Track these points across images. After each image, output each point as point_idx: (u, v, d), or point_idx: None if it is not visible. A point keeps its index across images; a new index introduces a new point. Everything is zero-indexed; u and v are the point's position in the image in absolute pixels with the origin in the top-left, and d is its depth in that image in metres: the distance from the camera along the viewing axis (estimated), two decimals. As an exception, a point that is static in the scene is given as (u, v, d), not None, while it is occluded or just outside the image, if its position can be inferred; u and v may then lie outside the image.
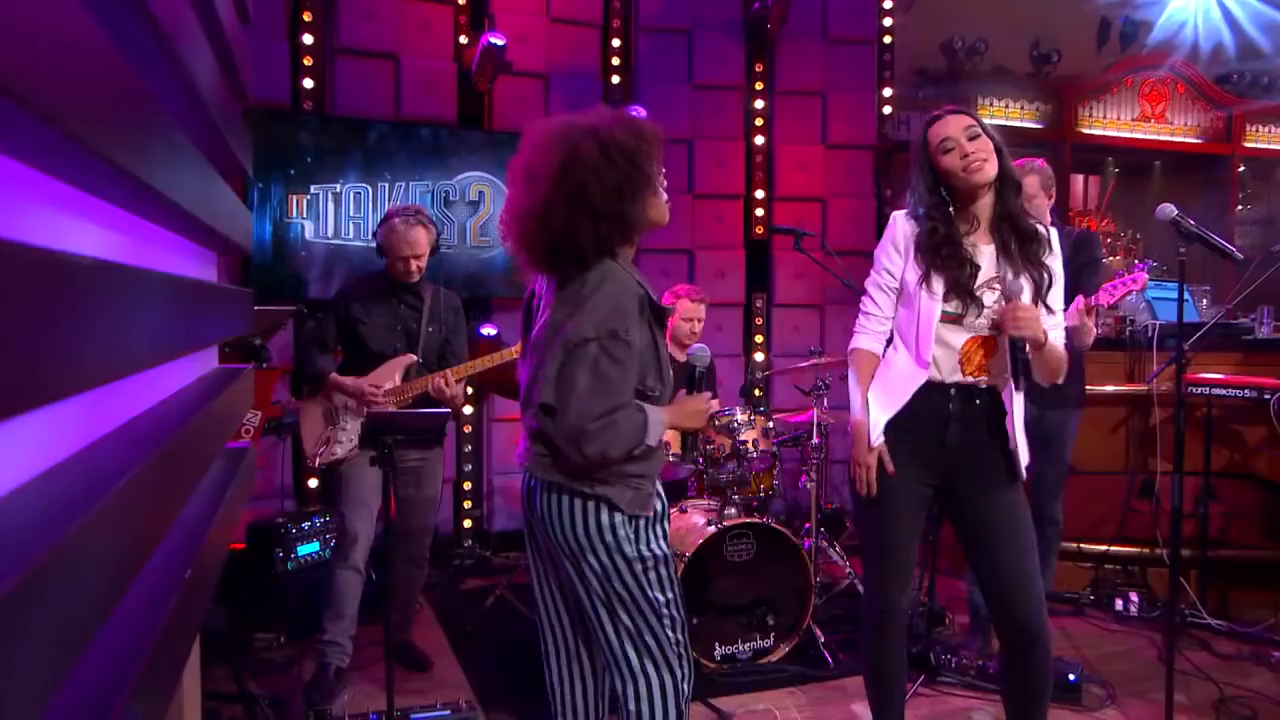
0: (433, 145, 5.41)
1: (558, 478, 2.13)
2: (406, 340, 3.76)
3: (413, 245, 3.67)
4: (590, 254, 2.09)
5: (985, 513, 2.66)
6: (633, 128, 2.12)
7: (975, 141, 2.58)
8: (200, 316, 0.97)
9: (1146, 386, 4.64)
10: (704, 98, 6.26)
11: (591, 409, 2.01)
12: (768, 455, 4.44)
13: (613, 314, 2.05)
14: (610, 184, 2.05)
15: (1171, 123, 7.68)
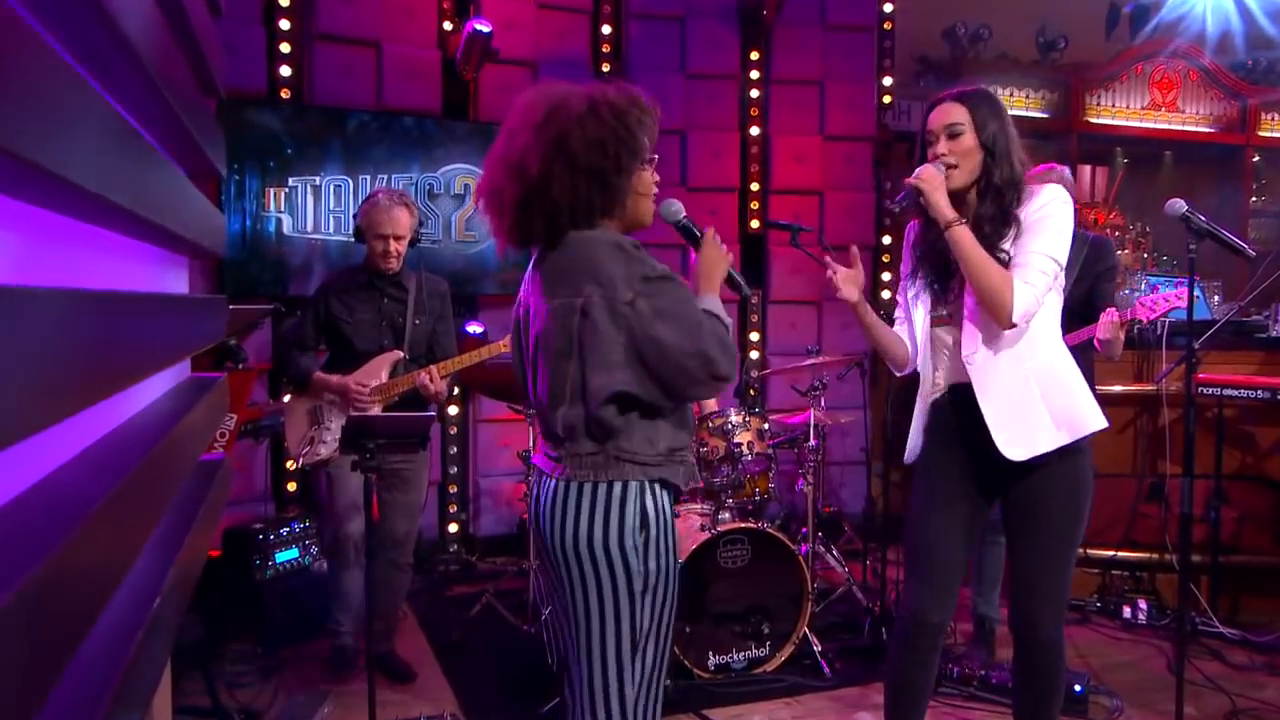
0: (416, 136, 5.41)
1: (604, 474, 2.06)
2: (393, 335, 3.78)
3: (394, 223, 3.69)
4: (564, 214, 2.03)
5: (1010, 504, 2.65)
6: (627, 91, 2.09)
7: (953, 142, 2.54)
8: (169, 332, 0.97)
9: (1155, 386, 4.65)
10: (697, 87, 6.26)
11: (696, 343, 1.98)
12: (763, 458, 4.45)
13: (629, 264, 1.99)
14: (593, 136, 2.00)
15: (1183, 111, 7.69)
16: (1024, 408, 2.53)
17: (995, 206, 2.54)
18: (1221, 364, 4.65)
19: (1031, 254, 2.50)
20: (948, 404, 2.69)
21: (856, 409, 5.33)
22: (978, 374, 2.57)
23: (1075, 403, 2.58)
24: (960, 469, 2.67)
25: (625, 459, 2.05)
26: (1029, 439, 2.52)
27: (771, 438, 4.65)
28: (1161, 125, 7.66)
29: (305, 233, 5.08)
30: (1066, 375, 2.60)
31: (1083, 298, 3.87)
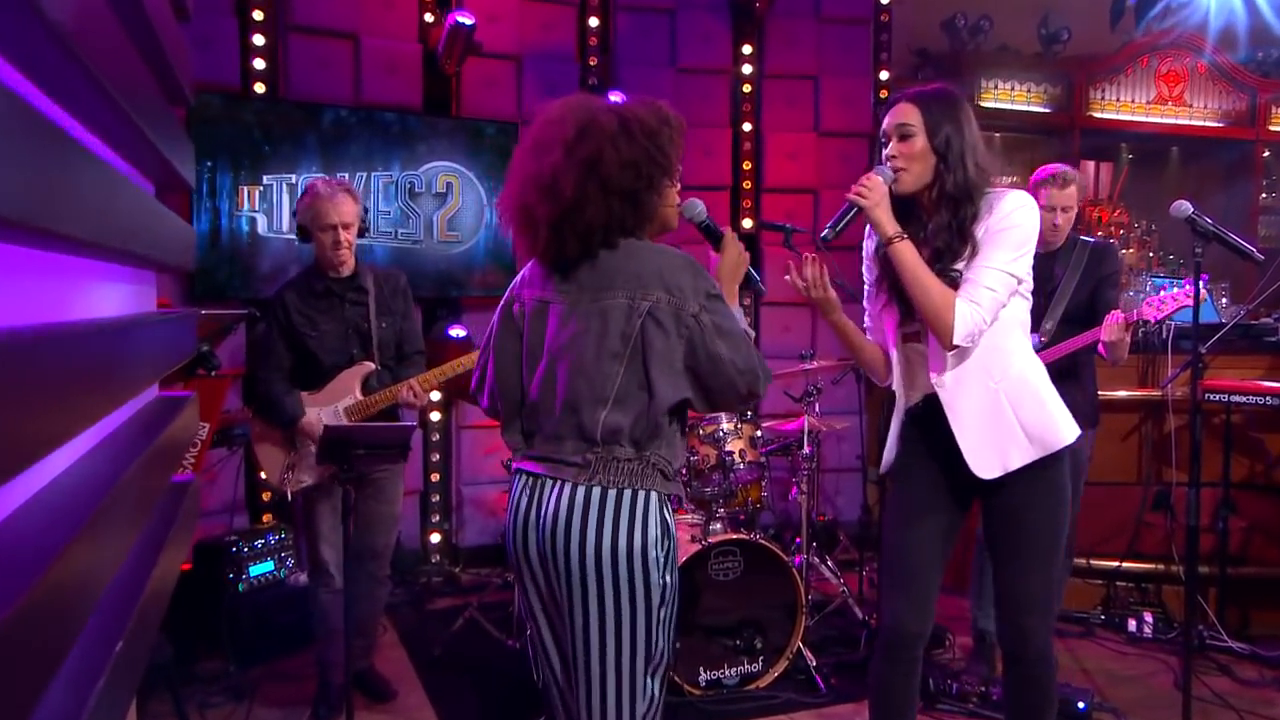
0: (396, 132, 5.40)
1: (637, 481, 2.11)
2: (360, 343, 3.69)
3: (340, 212, 3.56)
4: (597, 233, 2.10)
5: (989, 517, 2.68)
6: (656, 110, 2.15)
7: (904, 144, 2.54)
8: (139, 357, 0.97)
9: (1161, 392, 4.67)
10: (688, 82, 6.26)
11: (746, 361, 2.09)
12: (755, 466, 4.46)
13: (697, 278, 2.11)
14: (627, 158, 2.06)
15: (1190, 106, 7.69)
16: (996, 426, 2.56)
17: (949, 215, 2.52)
18: (1229, 369, 4.67)
19: (983, 269, 2.48)
20: (922, 414, 2.70)
21: (852, 414, 5.34)
22: (947, 396, 2.59)
23: (1047, 416, 2.59)
24: (935, 479, 2.70)
25: (659, 468, 2.13)
26: (1001, 457, 2.56)
27: (764, 445, 4.65)
28: (1168, 120, 7.66)
29: (281, 233, 5.06)
30: (1038, 387, 2.61)
31: (1085, 303, 3.88)
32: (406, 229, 5.43)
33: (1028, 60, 7.41)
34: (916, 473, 2.73)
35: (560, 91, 6.14)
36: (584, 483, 2.11)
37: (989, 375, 2.56)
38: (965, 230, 2.50)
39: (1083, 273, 3.89)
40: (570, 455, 2.15)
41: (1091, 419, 4.03)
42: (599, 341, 2.11)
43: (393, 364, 3.77)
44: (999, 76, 7.17)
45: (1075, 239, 4.03)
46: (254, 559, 4.26)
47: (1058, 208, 3.91)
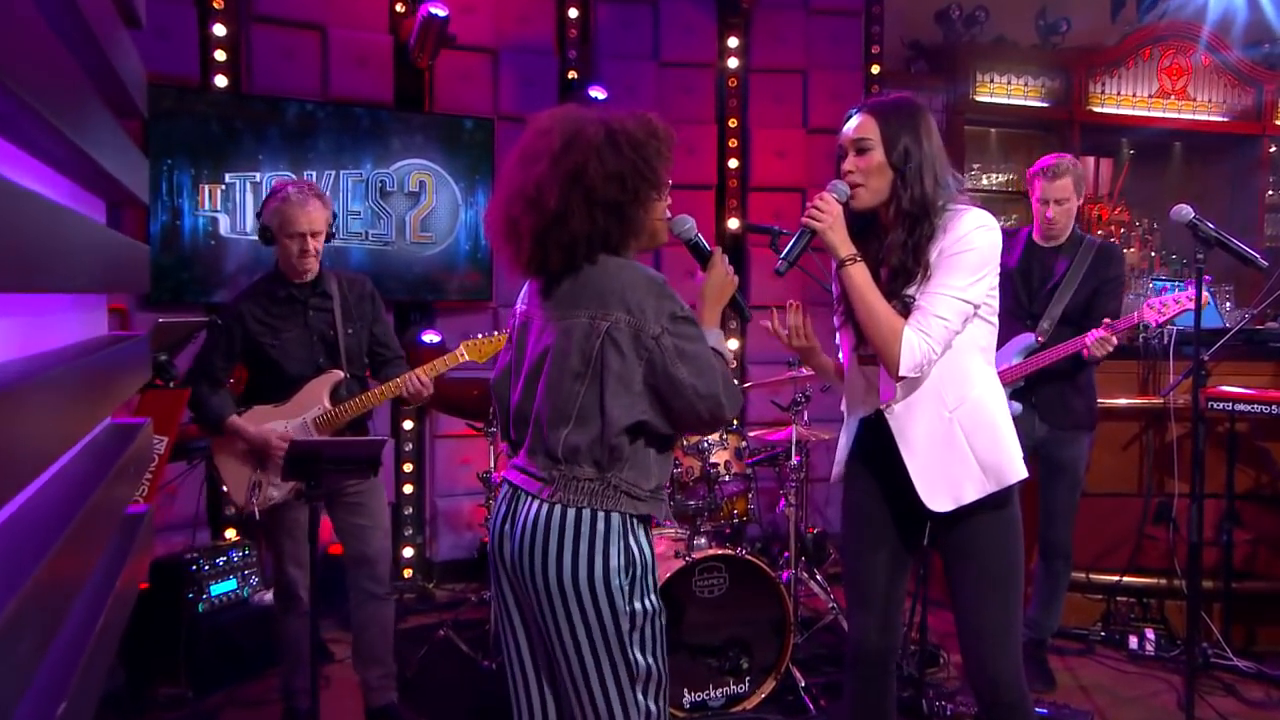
0: (366, 128, 5.39)
1: (600, 502, 2.16)
2: (326, 351, 3.65)
3: (310, 219, 3.52)
4: (581, 246, 2.16)
5: (943, 549, 2.69)
6: (644, 122, 2.21)
7: (860, 158, 2.55)
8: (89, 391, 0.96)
9: (1162, 400, 4.68)
10: (671, 76, 6.27)
11: (709, 386, 2.13)
12: (741, 478, 4.48)
13: (661, 299, 2.15)
14: (612, 170, 2.12)
15: (1194, 99, 7.71)
16: (948, 458, 2.55)
17: (905, 233, 2.52)
18: (1233, 376, 4.68)
19: (935, 296, 2.47)
20: (873, 428, 2.70)
21: (841, 422, 5.34)
22: (898, 424, 2.59)
23: (1000, 450, 2.57)
24: (887, 493, 2.71)
25: (623, 490, 2.17)
26: (954, 490, 2.55)
27: (750, 456, 4.67)
28: (1171, 114, 7.69)
29: (245, 234, 5.03)
30: (994, 419, 2.59)
31: (1081, 308, 3.90)
32: (377, 230, 5.42)
33: (1025, 53, 7.44)
34: (868, 486, 2.74)
35: (538, 86, 6.18)
36: (548, 500, 2.18)
37: (943, 403, 2.55)
38: (920, 250, 2.49)
39: (1085, 273, 3.91)
40: (540, 471, 2.22)
41: (1088, 423, 4.05)
42: (564, 360, 2.18)
43: (362, 373, 3.75)
44: (995, 70, 7.19)
45: (1082, 236, 4.05)
46: (215, 577, 4.24)
47: (1050, 200, 3.93)
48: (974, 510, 2.56)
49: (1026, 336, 3.94)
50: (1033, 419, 3.98)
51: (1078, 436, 4.02)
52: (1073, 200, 3.96)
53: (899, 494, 2.65)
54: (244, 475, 3.60)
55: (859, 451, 2.76)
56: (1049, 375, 3.93)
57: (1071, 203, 3.96)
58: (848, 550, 2.81)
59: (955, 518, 2.58)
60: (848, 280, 2.53)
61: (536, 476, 2.22)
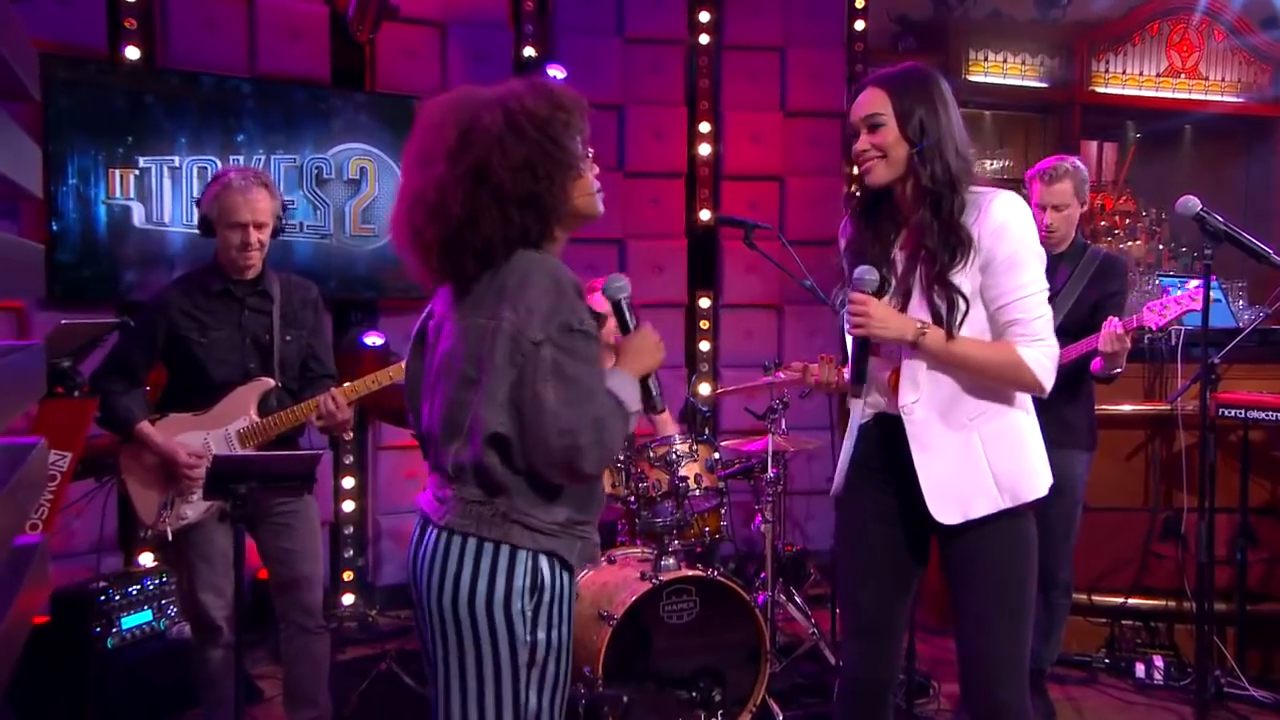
0: (300, 109, 5.32)
1: (490, 531, 2.10)
2: (259, 357, 3.60)
3: (254, 209, 3.47)
4: (499, 249, 2.10)
5: (948, 566, 2.68)
6: (546, 94, 2.14)
7: (874, 134, 2.55)
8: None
9: (1169, 406, 4.67)
10: (637, 54, 6.25)
11: (574, 421, 2.02)
12: (713, 492, 4.47)
13: (558, 304, 2.06)
14: (519, 160, 2.07)
15: (1206, 78, 7.74)
16: (965, 470, 2.56)
17: (930, 212, 2.53)
18: (1246, 380, 4.67)
19: (1020, 302, 2.51)
20: (875, 434, 2.71)
21: (823, 431, 5.31)
22: (916, 429, 2.59)
23: (1024, 465, 2.60)
24: (890, 509, 2.70)
25: (515, 519, 2.10)
26: (964, 503, 2.56)
27: (723, 468, 4.66)
28: (1181, 94, 7.72)
29: (162, 224, 4.94)
30: (1021, 434, 2.62)
31: (1080, 322, 3.87)
32: (314, 221, 5.35)
33: (1022, 28, 7.45)
34: (869, 501, 2.73)
35: (491, 63, 6.13)
36: (441, 525, 2.14)
37: (966, 415, 2.57)
38: (955, 227, 2.50)
39: (1087, 285, 3.89)
40: (435, 492, 2.19)
41: (1088, 442, 4.02)
42: (456, 366, 2.12)
43: (295, 386, 3.69)
44: (989, 47, 7.20)
45: (1085, 246, 4.02)
46: (128, 608, 4.15)
47: (1047, 206, 3.90)
48: (985, 525, 2.56)
49: None
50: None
51: (1077, 456, 3.99)
52: (1073, 206, 3.93)
53: (904, 508, 2.65)
54: (154, 491, 3.52)
55: (861, 462, 2.75)
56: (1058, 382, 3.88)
57: (1071, 209, 3.93)
58: (844, 572, 2.79)
59: (963, 533, 2.58)
60: (930, 351, 2.52)
61: (434, 499, 2.19)
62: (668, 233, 6.32)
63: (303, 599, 3.66)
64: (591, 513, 2.23)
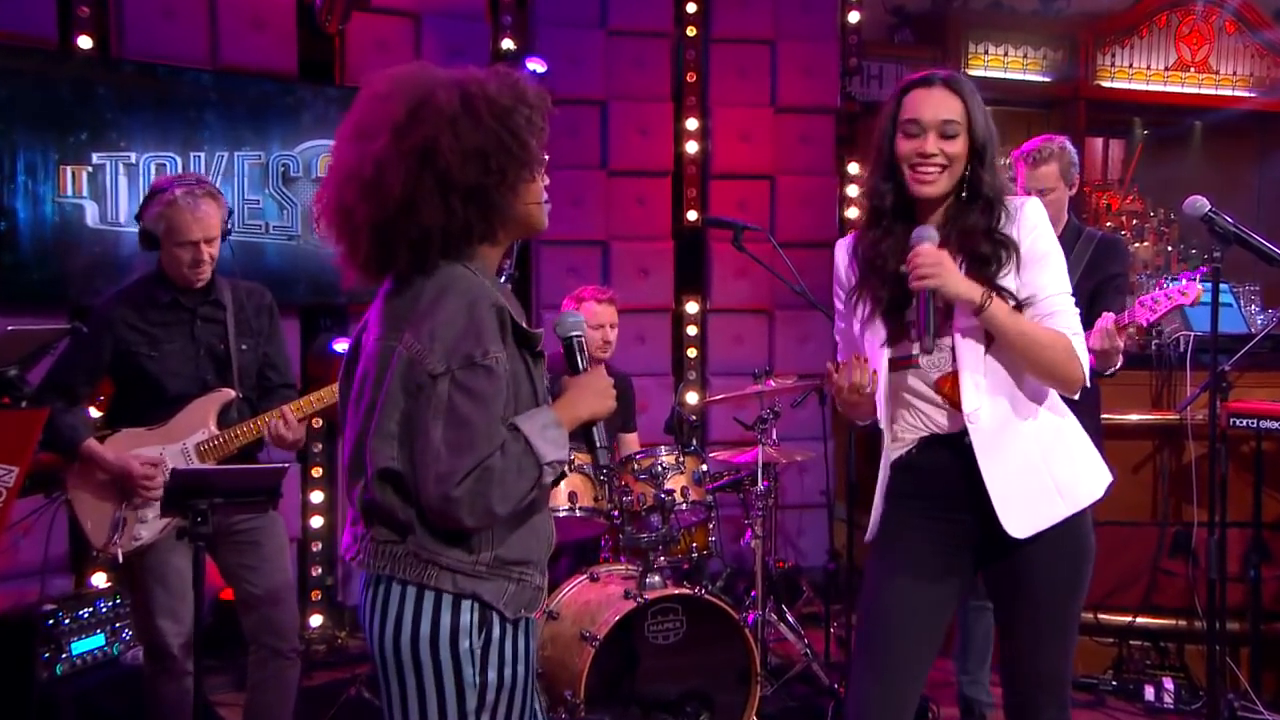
0: (265, 103, 5.29)
1: (407, 573, 2.02)
2: (215, 368, 3.57)
3: (204, 224, 3.41)
4: (435, 243, 2.00)
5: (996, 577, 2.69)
6: (511, 83, 2.06)
7: (947, 143, 2.54)
8: None
9: (1178, 415, 4.67)
10: (621, 47, 6.24)
11: (455, 467, 1.91)
12: (701, 506, 4.46)
13: (465, 334, 1.96)
14: (471, 146, 1.97)
15: (1217, 72, 7.76)
16: (1031, 476, 2.57)
17: (985, 220, 2.57)
18: (1260, 388, 4.66)
19: (1060, 294, 2.59)
20: (915, 464, 2.68)
21: (815, 441, 5.31)
22: (984, 437, 2.56)
23: (1080, 467, 2.65)
24: (932, 545, 2.67)
25: (426, 558, 2.01)
26: (1033, 512, 2.56)
27: (711, 481, 4.65)
28: (1190, 89, 7.73)
29: (117, 225, 4.89)
30: (1073, 433, 2.67)
31: (1081, 310, 3.84)
32: (280, 222, 5.32)
33: (1024, 20, 7.47)
34: (908, 538, 2.69)
35: (468, 56, 6.12)
36: (359, 564, 2.08)
37: (1031, 415, 2.60)
38: (1004, 234, 2.57)
39: (1083, 271, 3.87)
40: (351, 528, 2.12)
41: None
42: (366, 391, 2.04)
43: (254, 396, 3.67)
44: (990, 40, 7.21)
45: (1080, 229, 4.01)
46: (79, 632, 4.11)
47: (1033, 190, 3.88)
48: (1045, 536, 2.56)
49: None
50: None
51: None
52: (1060, 189, 3.92)
53: (947, 545, 2.65)
54: (105, 511, 3.47)
55: (900, 496, 2.71)
56: None
57: (1059, 192, 3.91)
58: (876, 618, 2.71)
59: (1022, 547, 2.57)
60: (994, 319, 2.49)
61: (350, 536, 2.12)
62: (653, 234, 6.31)
63: (276, 618, 3.63)
64: (530, 553, 2.12)
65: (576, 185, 6.04)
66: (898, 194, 2.61)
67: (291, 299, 5.13)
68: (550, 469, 2.03)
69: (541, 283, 6.13)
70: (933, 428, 2.64)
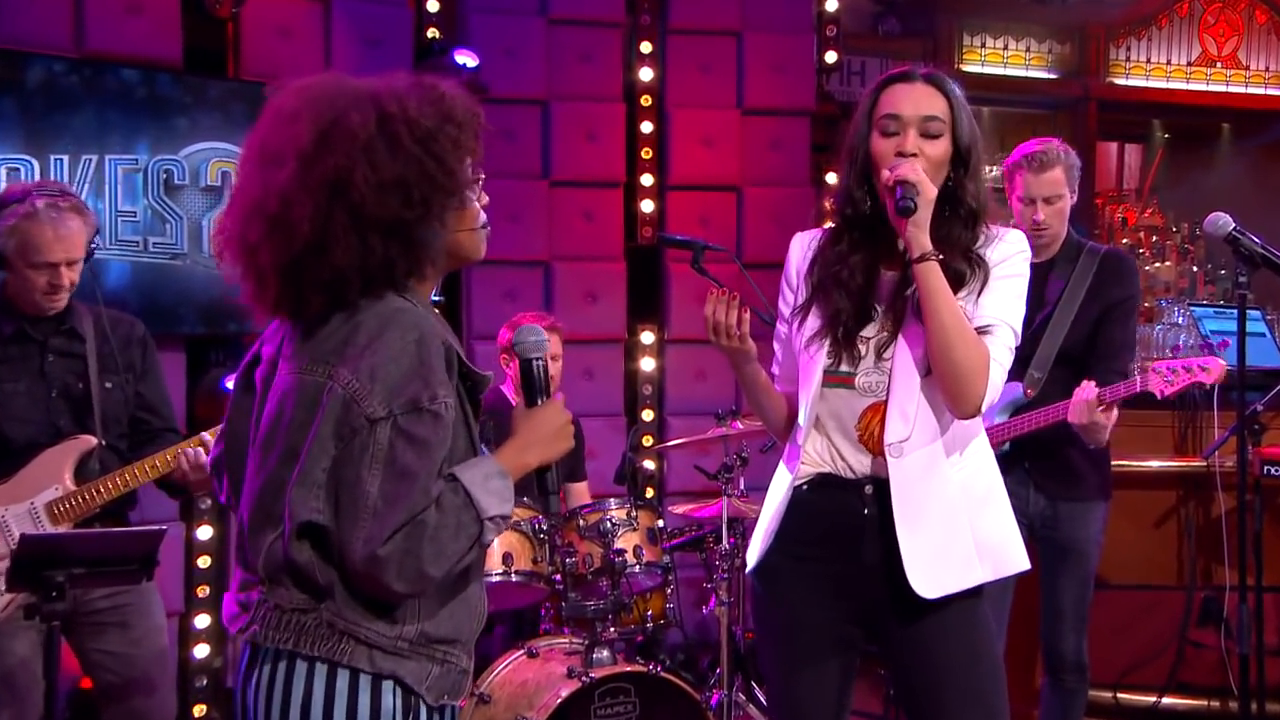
0: (143, 99, 5.22)
1: (317, 647, 1.98)
2: (71, 413, 3.51)
3: (67, 244, 3.36)
4: (352, 283, 1.99)
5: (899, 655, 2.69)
6: (436, 100, 2.05)
7: (929, 143, 2.58)
8: None
9: (1204, 462, 4.71)
10: (566, 37, 6.28)
11: (390, 526, 1.89)
12: (656, 568, 4.46)
13: (411, 374, 1.95)
14: (389, 177, 1.95)
15: (1247, 67, 7.82)
16: (948, 531, 2.60)
17: (968, 235, 2.63)
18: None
19: (1004, 325, 2.59)
20: (808, 502, 2.72)
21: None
22: (903, 475, 2.60)
23: (1007, 529, 2.69)
24: (828, 587, 2.71)
25: (343, 629, 1.99)
26: (943, 572, 2.59)
27: (669, 539, 4.65)
28: (1216, 87, 7.80)
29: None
30: (1000, 491, 2.71)
31: (1082, 342, 3.88)
32: (162, 238, 5.24)
33: (1026, 9, 7.54)
34: (801, 581, 2.73)
35: (386, 47, 6.12)
36: (245, 638, 2.04)
37: (959, 460, 2.64)
38: (979, 254, 2.62)
39: (1086, 294, 3.90)
40: (239, 594, 2.08)
41: (1102, 491, 4.03)
42: (279, 433, 2.01)
43: (123, 445, 3.62)
44: (988, 31, 7.27)
45: (1080, 244, 4.02)
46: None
47: (1037, 199, 3.90)
48: (954, 602, 2.58)
49: (1013, 387, 3.89)
50: (1027, 489, 3.96)
51: (1088, 511, 4.00)
52: (1066, 198, 3.94)
53: (849, 583, 2.66)
54: None
55: (790, 534, 2.72)
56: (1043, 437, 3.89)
57: (1064, 201, 3.94)
58: (770, 663, 2.81)
59: (927, 611, 2.59)
60: (929, 284, 2.51)
61: (235, 603, 2.08)
62: (602, 254, 6.34)
63: (148, 712, 3.59)
64: (459, 630, 2.11)
65: (514, 197, 6.03)
66: (874, 201, 2.63)
67: (176, 329, 5.08)
68: (493, 525, 2.01)
69: (472, 310, 6.14)
70: (835, 466, 2.67)
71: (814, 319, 2.71)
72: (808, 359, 2.72)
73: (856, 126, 2.68)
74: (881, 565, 2.61)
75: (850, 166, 2.67)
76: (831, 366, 2.68)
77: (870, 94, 2.68)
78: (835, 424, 2.67)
